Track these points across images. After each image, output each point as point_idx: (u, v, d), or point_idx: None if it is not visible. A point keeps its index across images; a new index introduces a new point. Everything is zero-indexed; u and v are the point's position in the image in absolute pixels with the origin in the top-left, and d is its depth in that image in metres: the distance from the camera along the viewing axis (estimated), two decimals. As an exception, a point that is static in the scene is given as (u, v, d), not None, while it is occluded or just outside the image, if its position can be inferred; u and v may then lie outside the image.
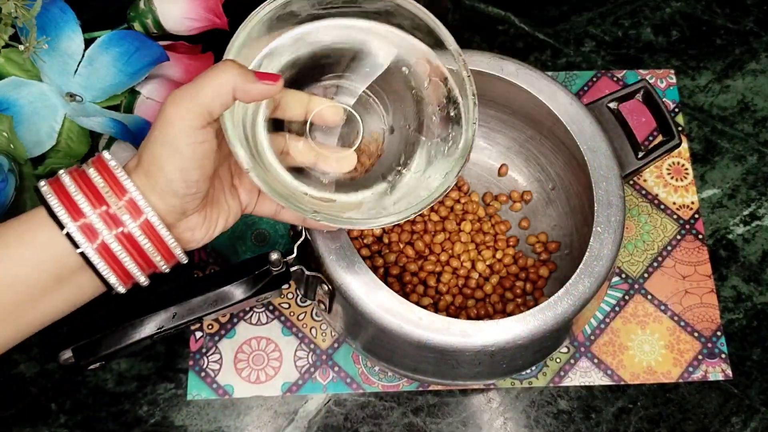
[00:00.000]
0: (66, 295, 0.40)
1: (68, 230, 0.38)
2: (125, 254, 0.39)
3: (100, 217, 0.38)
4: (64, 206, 0.38)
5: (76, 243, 0.38)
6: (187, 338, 0.60)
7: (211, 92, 0.37)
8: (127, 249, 0.39)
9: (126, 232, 0.39)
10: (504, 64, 0.54)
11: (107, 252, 0.38)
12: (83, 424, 0.58)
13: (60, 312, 0.41)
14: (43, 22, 0.53)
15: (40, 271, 0.38)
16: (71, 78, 0.54)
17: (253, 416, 0.58)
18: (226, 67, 0.38)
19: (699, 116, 0.71)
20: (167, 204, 0.39)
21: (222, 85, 0.37)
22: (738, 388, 0.60)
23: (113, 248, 0.38)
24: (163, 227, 0.39)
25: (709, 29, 0.74)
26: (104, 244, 0.38)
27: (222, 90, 0.37)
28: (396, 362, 0.51)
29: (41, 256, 0.38)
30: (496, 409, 0.59)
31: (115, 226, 0.38)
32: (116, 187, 0.38)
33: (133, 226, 0.38)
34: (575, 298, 0.48)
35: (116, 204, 0.38)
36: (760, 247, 0.65)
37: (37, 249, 0.38)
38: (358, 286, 0.47)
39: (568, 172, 0.59)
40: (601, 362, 0.61)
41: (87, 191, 0.38)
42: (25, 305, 0.39)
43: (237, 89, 0.38)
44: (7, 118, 0.51)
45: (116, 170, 0.39)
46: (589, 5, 0.75)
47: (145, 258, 0.40)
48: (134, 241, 0.39)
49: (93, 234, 0.38)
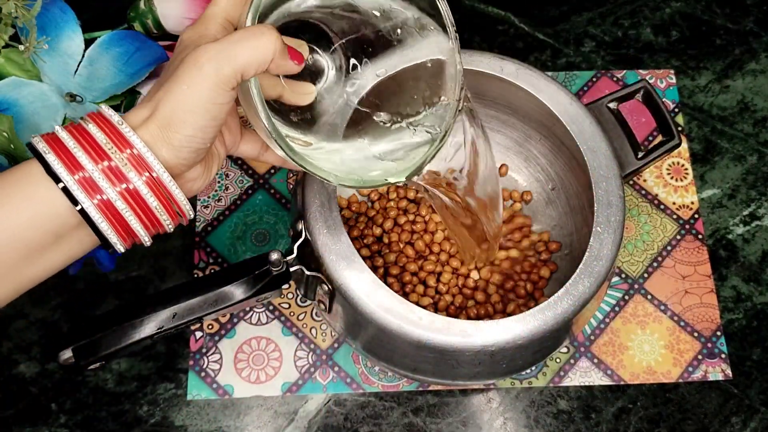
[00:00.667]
0: (65, 251, 0.38)
1: (66, 185, 0.36)
2: (129, 212, 0.37)
3: (102, 172, 0.36)
4: (62, 161, 0.36)
5: (75, 199, 0.36)
6: (187, 338, 0.60)
7: (249, 56, 0.36)
8: (131, 206, 0.37)
9: (131, 188, 0.37)
10: (504, 64, 0.54)
11: (109, 209, 0.37)
12: (83, 423, 0.58)
13: (60, 266, 0.39)
14: (43, 22, 0.53)
15: (38, 229, 0.36)
16: (71, 78, 0.54)
17: (253, 416, 0.58)
18: (267, 33, 0.36)
19: (699, 116, 0.71)
20: (179, 158, 0.38)
21: (262, 53, 0.36)
22: (738, 388, 0.60)
23: (117, 205, 0.36)
24: (173, 183, 0.38)
25: (708, 29, 0.74)
26: (106, 200, 0.36)
27: (261, 57, 0.36)
28: (396, 362, 0.51)
29: (38, 214, 0.36)
30: (496, 409, 0.59)
31: (118, 181, 0.36)
32: (120, 142, 0.36)
33: (139, 181, 0.37)
34: (575, 298, 0.48)
35: (120, 158, 0.36)
36: (759, 247, 0.65)
37: (34, 206, 0.36)
38: (358, 286, 0.47)
39: (567, 172, 0.59)
40: (601, 362, 0.61)
41: (87, 146, 0.36)
42: (23, 263, 0.37)
43: (275, 64, 0.37)
44: (8, 118, 0.51)
45: (120, 125, 0.37)
46: (588, 5, 0.75)
47: (149, 216, 0.38)
48: (140, 198, 0.37)
49: (94, 189, 0.36)
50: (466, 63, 0.53)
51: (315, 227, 0.49)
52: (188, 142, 0.37)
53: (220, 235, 0.64)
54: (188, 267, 0.63)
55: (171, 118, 0.37)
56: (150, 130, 0.37)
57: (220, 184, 0.66)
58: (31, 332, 0.60)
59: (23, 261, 0.37)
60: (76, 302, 0.61)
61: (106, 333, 0.45)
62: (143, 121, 0.37)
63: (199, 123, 0.37)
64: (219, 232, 0.64)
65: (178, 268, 0.63)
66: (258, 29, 0.37)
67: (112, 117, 0.37)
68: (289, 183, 0.66)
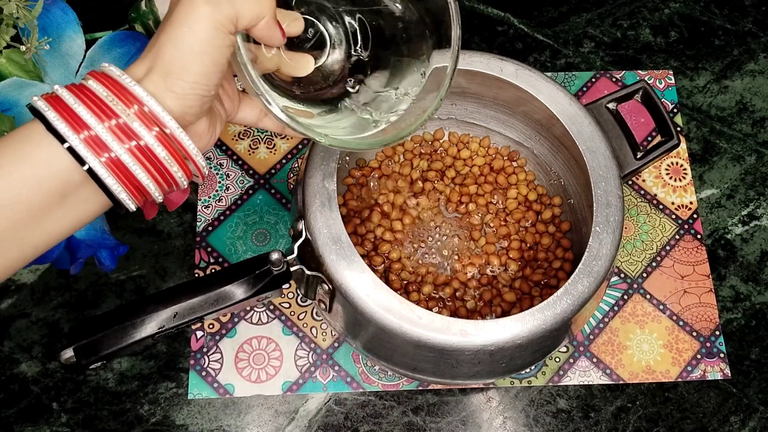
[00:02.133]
0: (70, 213, 0.37)
1: (71, 144, 0.35)
2: (137, 165, 0.36)
3: (108, 129, 0.35)
4: (65, 119, 0.35)
5: (81, 158, 0.35)
6: (188, 337, 0.61)
7: (249, 6, 0.36)
8: (139, 160, 0.36)
9: (142, 145, 0.35)
10: (503, 65, 0.54)
11: (118, 166, 0.35)
12: (84, 423, 0.58)
13: (65, 231, 0.38)
14: (45, 22, 0.53)
15: (40, 190, 0.35)
16: (73, 78, 0.55)
17: (253, 415, 0.58)
18: None
19: (697, 116, 0.71)
20: (184, 106, 0.37)
21: (259, 6, 0.37)
22: (736, 387, 0.61)
23: (124, 159, 0.35)
24: (183, 133, 0.37)
25: (707, 30, 0.75)
26: (114, 158, 0.35)
27: (258, 10, 0.37)
28: (396, 361, 0.51)
29: (42, 174, 0.35)
30: (496, 408, 0.59)
31: (127, 138, 0.35)
32: (124, 96, 0.36)
33: (149, 136, 0.35)
34: (574, 297, 0.48)
35: (126, 113, 0.35)
36: (758, 247, 0.66)
37: (37, 167, 0.35)
38: (358, 286, 0.47)
39: (567, 172, 0.59)
40: (600, 361, 0.61)
41: (90, 103, 0.35)
42: (27, 226, 0.36)
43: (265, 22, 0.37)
44: (9, 118, 0.51)
45: (122, 78, 0.36)
46: (587, 6, 0.75)
47: (160, 171, 0.37)
48: (150, 153, 0.36)
49: (101, 147, 0.35)
50: (466, 64, 0.54)
51: (315, 227, 0.49)
52: (192, 89, 0.37)
53: (220, 235, 0.64)
54: (189, 267, 0.63)
55: (172, 64, 0.36)
56: (153, 81, 0.36)
57: (221, 184, 0.66)
58: (33, 332, 0.61)
59: (26, 224, 0.36)
60: (78, 302, 0.62)
61: (107, 332, 0.45)
62: (146, 73, 0.36)
63: (201, 68, 0.36)
64: (220, 231, 0.64)
65: (179, 268, 0.63)
66: None
67: (113, 72, 0.36)
68: (290, 183, 0.66)
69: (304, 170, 0.51)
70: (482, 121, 0.62)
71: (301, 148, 0.68)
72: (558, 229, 0.60)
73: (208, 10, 0.36)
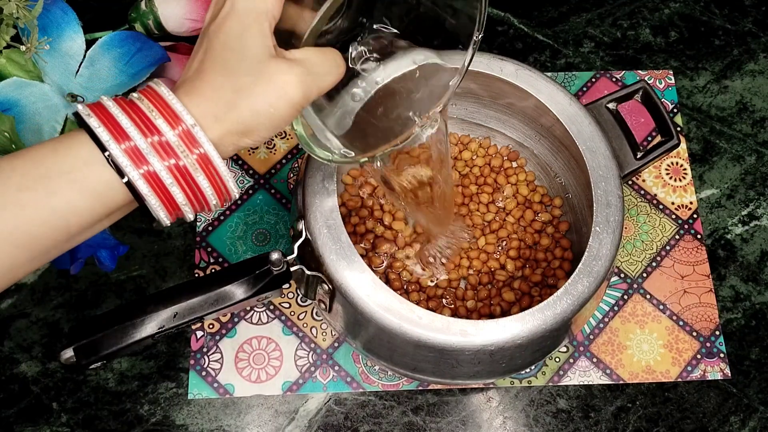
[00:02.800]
0: (102, 226, 0.38)
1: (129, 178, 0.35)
2: (176, 187, 0.36)
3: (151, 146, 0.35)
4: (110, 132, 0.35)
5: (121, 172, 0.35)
6: (188, 337, 0.61)
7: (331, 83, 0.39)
8: (178, 181, 0.36)
9: (181, 165, 0.36)
10: (503, 65, 0.54)
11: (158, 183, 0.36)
12: (84, 423, 0.58)
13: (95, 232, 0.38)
14: (45, 22, 0.53)
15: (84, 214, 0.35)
16: (73, 78, 0.55)
17: (253, 415, 0.58)
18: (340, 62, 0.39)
19: (697, 116, 0.71)
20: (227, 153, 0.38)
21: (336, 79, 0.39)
22: (736, 387, 0.61)
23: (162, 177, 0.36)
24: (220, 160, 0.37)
25: (707, 30, 0.75)
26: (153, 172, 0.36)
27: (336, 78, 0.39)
28: (396, 361, 0.51)
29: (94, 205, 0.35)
30: (496, 408, 0.59)
31: (167, 156, 0.36)
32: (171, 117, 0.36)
33: (190, 159, 0.36)
34: (574, 297, 0.48)
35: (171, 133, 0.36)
36: (758, 247, 0.66)
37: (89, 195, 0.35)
38: (358, 286, 0.48)
39: (567, 172, 0.59)
40: (600, 361, 0.61)
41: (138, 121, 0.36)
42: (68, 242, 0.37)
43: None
44: (9, 118, 0.51)
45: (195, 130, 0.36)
46: (587, 6, 0.75)
47: (195, 194, 0.37)
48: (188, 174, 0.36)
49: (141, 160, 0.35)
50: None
51: (315, 227, 0.49)
52: (250, 145, 0.38)
53: (220, 235, 0.64)
54: (189, 267, 0.63)
55: (245, 126, 0.37)
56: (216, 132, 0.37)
57: (221, 184, 0.66)
58: (33, 332, 0.61)
59: (67, 240, 0.36)
60: (78, 302, 0.62)
61: (108, 332, 0.45)
62: (214, 120, 0.37)
63: (269, 135, 0.38)
64: (220, 231, 0.64)
65: (179, 268, 0.63)
66: (337, 57, 0.39)
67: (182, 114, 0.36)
68: (290, 183, 0.67)
69: (304, 170, 0.51)
70: (482, 121, 0.62)
71: (301, 148, 0.68)
72: (557, 229, 0.60)
73: (297, 98, 0.37)
